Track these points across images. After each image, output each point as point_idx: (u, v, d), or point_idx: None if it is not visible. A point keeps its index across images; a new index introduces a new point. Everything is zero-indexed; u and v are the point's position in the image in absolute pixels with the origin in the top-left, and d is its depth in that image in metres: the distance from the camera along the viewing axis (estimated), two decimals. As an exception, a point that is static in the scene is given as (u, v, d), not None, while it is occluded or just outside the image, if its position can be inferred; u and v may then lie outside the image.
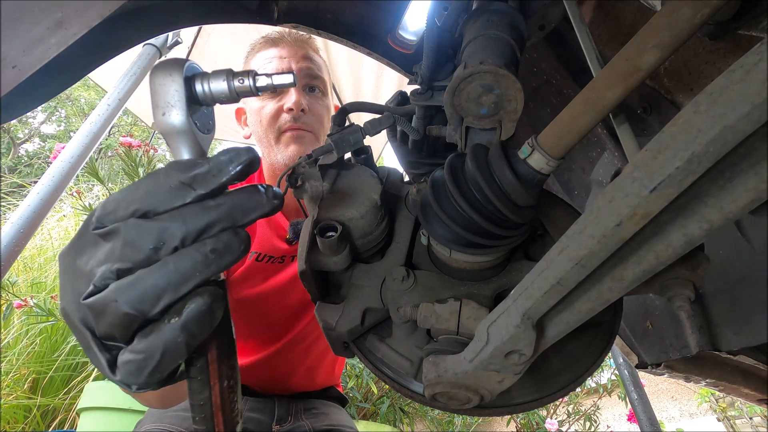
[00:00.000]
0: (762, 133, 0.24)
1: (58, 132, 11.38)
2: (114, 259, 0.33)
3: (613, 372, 3.52)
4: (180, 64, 0.38)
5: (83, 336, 0.35)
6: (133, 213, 0.34)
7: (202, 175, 0.35)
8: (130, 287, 0.32)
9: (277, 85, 0.41)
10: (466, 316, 0.46)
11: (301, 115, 1.12)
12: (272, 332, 1.19)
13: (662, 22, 0.35)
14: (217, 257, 0.34)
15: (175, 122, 0.37)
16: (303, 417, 1.20)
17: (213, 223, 0.34)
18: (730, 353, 0.74)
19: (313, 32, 0.95)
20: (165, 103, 0.37)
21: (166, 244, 0.33)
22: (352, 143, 0.57)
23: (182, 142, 0.38)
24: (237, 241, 0.35)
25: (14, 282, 2.53)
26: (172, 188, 0.34)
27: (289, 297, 1.16)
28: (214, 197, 0.35)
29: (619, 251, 0.31)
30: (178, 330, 0.33)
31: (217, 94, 0.39)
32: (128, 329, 0.33)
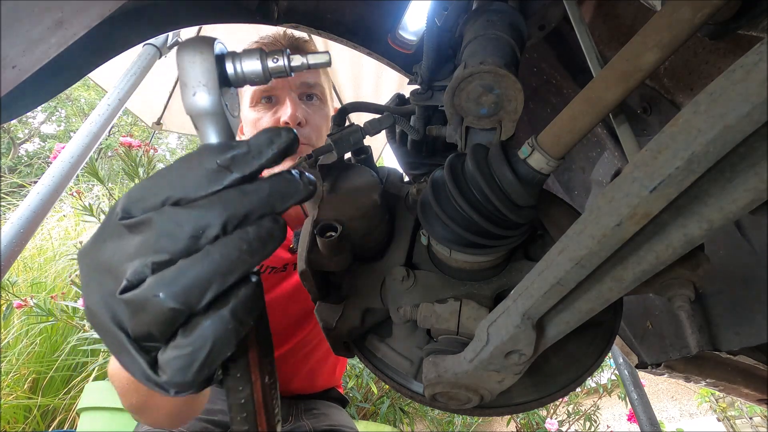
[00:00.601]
0: (762, 133, 0.24)
1: (58, 132, 11.38)
2: (148, 251, 0.31)
3: (613, 372, 3.52)
4: (210, 42, 0.35)
5: (115, 337, 0.32)
6: (165, 200, 0.32)
7: (240, 157, 0.33)
8: (173, 280, 0.30)
9: (312, 64, 0.39)
10: (466, 316, 0.46)
11: (297, 129, 1.09)
12: (274, 340, 1.19)
13: (662, 22, 0.35)
14: (261, 245, 0.32)
15: (206, 103, 0.35)
16: (304, 417, 1.20)
17: (253, 209, 0.32)
18: (730, 353, 0.74)
19: (313, 32, 0.95)
20: (195, 82, 0.34)
21: (205, 233, 0.31)
22: (352, 143, 0.57)
23: (213, 124, 0.36)
24: (278, 228, 0.33)
25: (14, 282, 2.53)
26: (209, 172, 0.32)
27: (292, 306, 1.15)
28: (252, 182, 0.33)
29: (619, 251, 0.31)
30: (228, 318, 0.31)
31: (249, 74, 0.37)
32: (172, 325, 0.31)
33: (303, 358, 1.22)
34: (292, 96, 1.09)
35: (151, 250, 0.31)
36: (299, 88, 1.11)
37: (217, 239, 0.31)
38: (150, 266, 0.30)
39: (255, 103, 1.11)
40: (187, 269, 0.30)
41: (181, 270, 0.30)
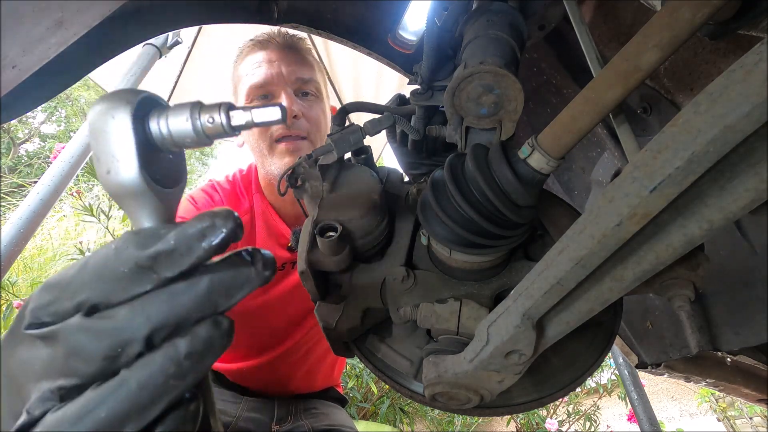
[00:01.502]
0: (762, 133, 0.24)
1: (58, 132, 11.38)
2: (55, 373, 0.25)
3: (613, 372, 3.52)
4: (127, 98, 0.28)
5: None
6: (79, 305, 0.26)
7: (165, 254, 0.26)
8: (78, 419, 0.24)
9: (260, 123, 0.30)
10: (466, 316, 0.46)
11: (294, 121, 1.06)
12: (273, 340, 1.19)
13: (662, 22, 0.35)
14: (194, 362, 0.26)
15: (124, 181, 0.27)
16: (303, 417, 1.20)
17: (187, 314, 0.26)
18: (730, 353, 0.74)
19: (313, 32, 0.95)
20: (108, 156, 0.27)
21: (125, 350, 0.25)
22: (352, 143, 0.57)
23: (137, 205, 0.28)
24: (219, 335, 0.27)
25: (14, 282, 2.53)
26: (131, 270, 0.26)
27: (291, 306, 1.15)
28: (187, 278, 0.27)
29: (619, 251, 0.31)
30: None
31: (178, 137, 0.29)
32: None
33: (302, 358, 1.23)
34: (287, 90, 1.07)
35: (57, 372, 0.25)
36: (294, 84, 1.09)
37: (139, 358, 0.25)
38: (56, 393, 0.25)
39: (250, 100, 1.09)
40: (96, 405, 0.24)
41: (89, 405, 0.24)
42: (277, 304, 1.14)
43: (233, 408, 1.14)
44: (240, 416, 1.12)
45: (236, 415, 1.12)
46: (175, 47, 2.28)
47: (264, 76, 1.06)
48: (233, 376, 1.21)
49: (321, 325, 0.54)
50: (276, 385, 1.24)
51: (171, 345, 0.26)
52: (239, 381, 1.22)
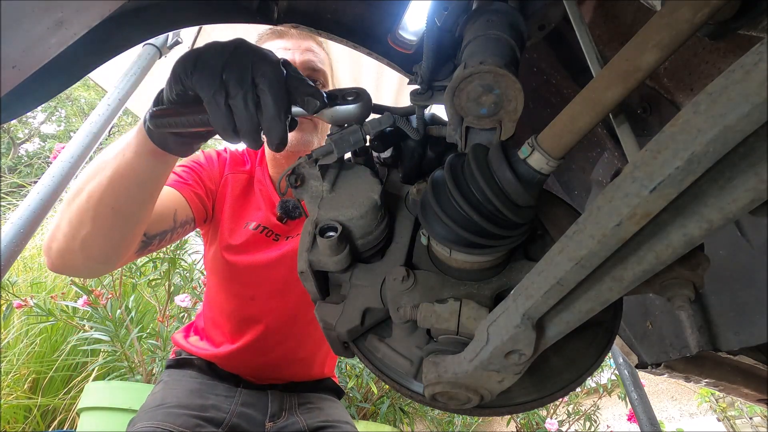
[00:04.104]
0: (762, 133, 0.24)
1: (58, 132, 11.38)
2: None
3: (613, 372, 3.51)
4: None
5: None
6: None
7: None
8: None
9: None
10: (466, 316, 0.46)
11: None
12: (257, 309, 1.20)
13: (662, 22, 0.35)
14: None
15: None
16: (297, 412, 1.20)
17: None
18: (730, 353, 0.74)
19: (313, 32, 0.95)
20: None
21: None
22: (352, 143, 0.57)
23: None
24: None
25: (14, 282, 2.53)
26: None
27: (274, 273, 1.18)
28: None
29: (619, 251, 0.31)
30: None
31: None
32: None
33: (293, 338, 1.23)
34: None
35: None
36: (305, 71, 1.16)
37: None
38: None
39: None
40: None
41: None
42: (258, 270, 1.16)
43: (227, 403, 1.14)
44: (234, 411, 1.12)
45: (230, 410, 1.12)
46: (175, 47, 2.28)
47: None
48: (225, 362, 1.21)
49: (321, 326, 0.54)
50: (269, 370, 1.24)
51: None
52: (232, 368, 1.22)
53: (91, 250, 0.81)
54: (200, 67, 0.54)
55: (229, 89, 0.53)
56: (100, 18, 0.43)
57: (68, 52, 0.42)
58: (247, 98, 0.53)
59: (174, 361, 1.25)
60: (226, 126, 0.55)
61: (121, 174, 0.76)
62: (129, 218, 0.81)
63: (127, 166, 0.75)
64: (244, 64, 0.54)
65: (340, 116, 0.57)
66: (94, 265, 0.85)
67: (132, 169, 0.75)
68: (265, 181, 1.25)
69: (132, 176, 0.76)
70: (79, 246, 0.80)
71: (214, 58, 0.55)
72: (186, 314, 2.52)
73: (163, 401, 1.09)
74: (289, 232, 1.22)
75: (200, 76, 0.54)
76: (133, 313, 2.46)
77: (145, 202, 0.82)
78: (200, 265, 2.88)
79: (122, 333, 2.24)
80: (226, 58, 0.54)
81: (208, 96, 0.54)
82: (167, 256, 2.52)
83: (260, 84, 0.54)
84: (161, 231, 0.99)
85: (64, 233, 0.80)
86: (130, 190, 0.78)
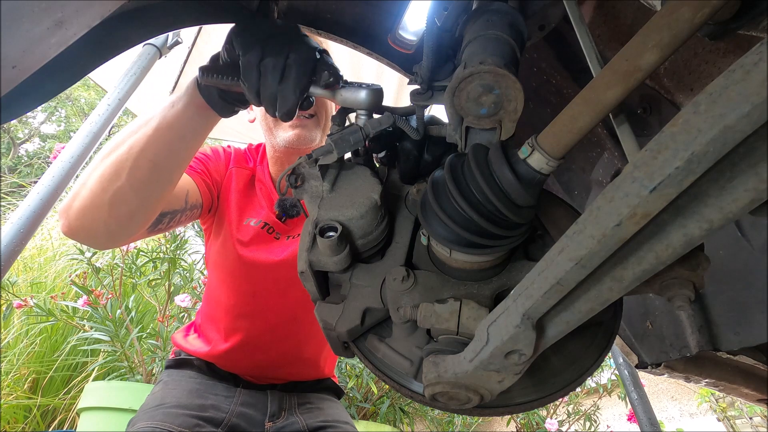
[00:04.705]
0: (762, 133, 0.24)
1: (58, 132, 11.38)
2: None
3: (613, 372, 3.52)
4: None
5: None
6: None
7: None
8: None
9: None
10: (466, 316, 0.46)
11: (305, 119, 1.16)
12: (257, 305, 1.21)
13: (662, 22, 0.35)
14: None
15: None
16: (297, 412, 1.19)
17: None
18: (730, 353, 0.74)
19: (313, 32, 0.95)
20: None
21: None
22: (352, 143, 0.57)
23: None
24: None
25: (14, 282, 2.53)
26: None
27: (275, 271, 1.18)
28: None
29: (619, 251, 0.31)
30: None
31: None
32: None
33: (294, 337, 1.23)
34: None
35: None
36: None
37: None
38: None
39: None
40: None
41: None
42: (261, 266, 1.17)
43: (226, 403, 1.14)
44: (233, 411, 1.12)
45: (229, 410, 1.12)
46: (175, 47, 2.28)
47: None
48: (222, 360, 1.21)
49: (321, 326, 0.54)
50: (269, 369, 1.24)
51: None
52: (229, 366, 1.22)
53: (118, 207, 0.81)
54: (250, 32, 0.63)
55: (264, 54, 0.61)
56: (100, 18, 0.43)
57: (68, 52, 0.42)
58: (276, 65, 0.60)
59: (173, 361, 1.25)
60: (251, 85, 0.62)
61: (167, 124, 0.79)
62: (162, 175, 0.83)
63: (173, 117, 0.79)
64: (285, 40, 0.63)
65: (351, 99, 0.61)
66: (115, 228, 0.84)
67: (178, 119, 0.79)
68: (266, 179, 1.27)
69: (176, 128, 0.80)
70: (108, 201, 0.80)
71: (265, 28, 0.65)
72: (186, 314, 2.52)
73: (163, 401, 1.09)
74: (290, 231, 1.23)
75: (246, 38, 0.63)
76: (133, 313, 2.46)
77: (182, 161, 0.85)
78: (200, 265, 2.88)
79: (122, 333, 2.24)
80: (273, 31, 0.64)
81: (245, 54, 0.61)
82: (167, 256, 2.52)
83: (290, 58, 0.61)
84: (172, 210, 1.02)
85: (92, 189, 0.81)
86: (172, 143, 0.81)
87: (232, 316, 1.21)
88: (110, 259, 2.53)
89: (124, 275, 2.46)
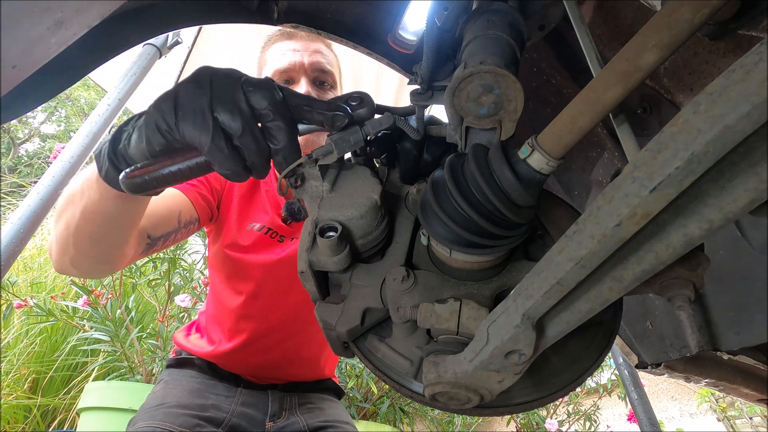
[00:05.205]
0: (762, 133, 0.24)
1: (58, 132, 11.38)
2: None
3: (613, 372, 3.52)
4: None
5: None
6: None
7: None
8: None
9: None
10: (466, 316, 0.46)
11: None
12: (260, 307, 1.21)
13: (662, 22, 0.35)
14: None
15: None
16: (297, 412, 1.20)
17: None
18: (730, 353, 0.74)
19: (313, 32, 0.95)
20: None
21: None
22: (352, 143, 0.57)
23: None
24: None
25: (14, 282, 2.53)
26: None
27: (279, 273, 1.19)
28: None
29: (619, 251, 0.31)
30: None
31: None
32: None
33: (295, 337, 1.23)
34: (307, 78, 1.17)
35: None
36: (313, 73, 1.19)
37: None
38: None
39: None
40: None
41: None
42: (262, 268, 1.17)
43: (227, 403, 1.14)
44: (234, 411, 1.12)
45: (230, 410, 1.12)
46: (175, 47, 2.28)
47: (288, 63, 1.17)
48: (224, 360, 1.21)
49: (321, 326, 0.54)
50: (270, 369, 1.24)
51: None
52: (231, 367, 1.22)
53: (81, 266, 0.85)
54: (185, 115, 0.48)
55: (229, 129, 0.48)
56: (100, 18, 0.43)
57: (68, 52, 0.42)
58: (255, 133, 0.49)
59: (174, 361, 1.25)
60: (235, 168, 0.49)
61: (90, 212, 0.72)
62: (111, 244, 0.82)
63: (94, 207, 0.71)
64: (233, 95, 0.48)
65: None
66: (93, 272, 0.88)
67: (100, 210, 0.71)
68: (271, 182, 1.27)
69: (100, 216, 0.73)
70: (69, 263, 0.83)
71: (195, 98, 0.48)
72: (186, 314, 2.52)
73: (163, 401, 1.09)
74: (293, 233, 1.23)
75: (188, 124, 0.47)
76: (133, 313, 2.46)
77: (124, 231, 0.80)
78: (200, 265, 2.88)
79: (122, 333, 2.24)
80: (209, 95, 0.48)
81: (208, 143, 0.47)
82: (167, 256, 2.52)
83: (262, 112, 0.49)
84: (165, 233, 1.00)
85: (56, 250, 0.83)
86: (103, 227, 0.76)
87: (236, 317, 1.21)
88: (110, 259, 2.53)
89: (124, 275, 2.46)
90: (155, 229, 0.96)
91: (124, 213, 0.74)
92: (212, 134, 0.47)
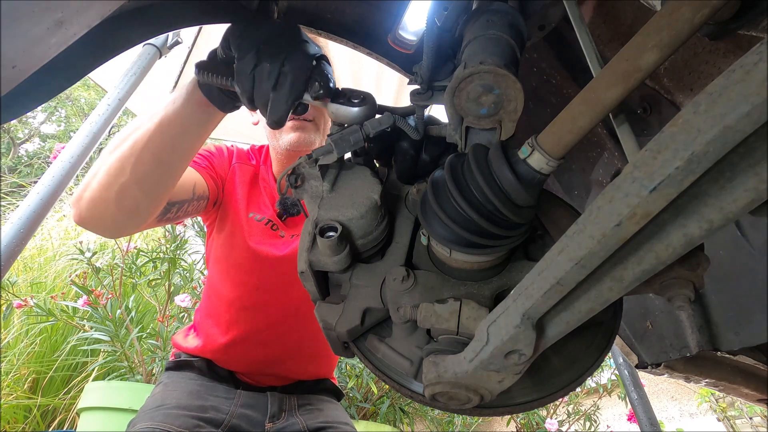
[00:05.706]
0: (762, 133, 0.24)
1: (58, 132, 11.38)
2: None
3: (613, 372, 3.51)
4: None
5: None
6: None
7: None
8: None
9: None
10: (466, 316, 0.46)
11: (304, 122, 1.20)
12: (260, 298, 1.21)
13: (662, 22, 0.35)
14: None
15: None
16: (297, 413, 1.20)
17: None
18: (730, 353, 0.74)
19: (313, 32, 0.95)
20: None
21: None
22: (352, 143, 0.57)
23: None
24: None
25: (14, 282, 2.53)
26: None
27: (280, 266, 1.20)
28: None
29: (619, 251, 0.31)
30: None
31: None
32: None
33: (295, 333, 1.23)
34: None
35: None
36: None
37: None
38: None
39: None
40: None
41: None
42: (266, 260, 1.18)
43: (227, 404, 1.14)
44: (233, 412, 1.12)
45: (229, 411, 1.12)
46: (175, 47, 2.28)
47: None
48: (222, 355, 1.21)
49: (321, 326, 0.54)
50: (269, 365, 1.24)
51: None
52: (229, 363, 1.22)
53: (125, 200, 0.83)
54: (246, 34, 0.61)
55: (258, 60, 0.59)
56: (100, 18, 0.43)
57: (68, 52, 0.42)
58: (271, 73, 0.59)
59: (173, 363, 1.25)
60: (244, 90, 0.61)
61: (169, 121, 0.79)
62: (166, 170, 0.84)
63: (175, 113, 0.79)
64: (282, 45, 0.60)
65: (342, 115, 0.59)
66: (123, 219, 0.87)
67: (179, 116, 0.79)
68: (269, 179, 1.29)
69: (178, 123, 0.80)
70: (115, 195, 0.82)
71: (263, 29, 0.62)
72: (186, 314, 2.52)
73: (163, 402, 1.09)
74: (293, 230, 1.25)
75: (242, 41, 0.60)
76: (133, 313, 2.46)
77: (185, 154, 0.86)
78: (200, 265, 2.88)
79: (122, 333, 2.24)
80: (272, 33, 0.61)
81: (240, 59, 0.59)
82: (167, 257, 2.52)
83: (285, 66, 0.59)
84: (180, 200, 1.04)
85: (100, 182, 0.83)
86: (174, 139, 0.81)
87: (234, 308, 1.21)
88: (110, 259, 2.54)
89: (124, 275, 2.46)
90: (173, 194, 0.99)
91: (198, 123, 0.81)
92: (247, 56, 0.59)
